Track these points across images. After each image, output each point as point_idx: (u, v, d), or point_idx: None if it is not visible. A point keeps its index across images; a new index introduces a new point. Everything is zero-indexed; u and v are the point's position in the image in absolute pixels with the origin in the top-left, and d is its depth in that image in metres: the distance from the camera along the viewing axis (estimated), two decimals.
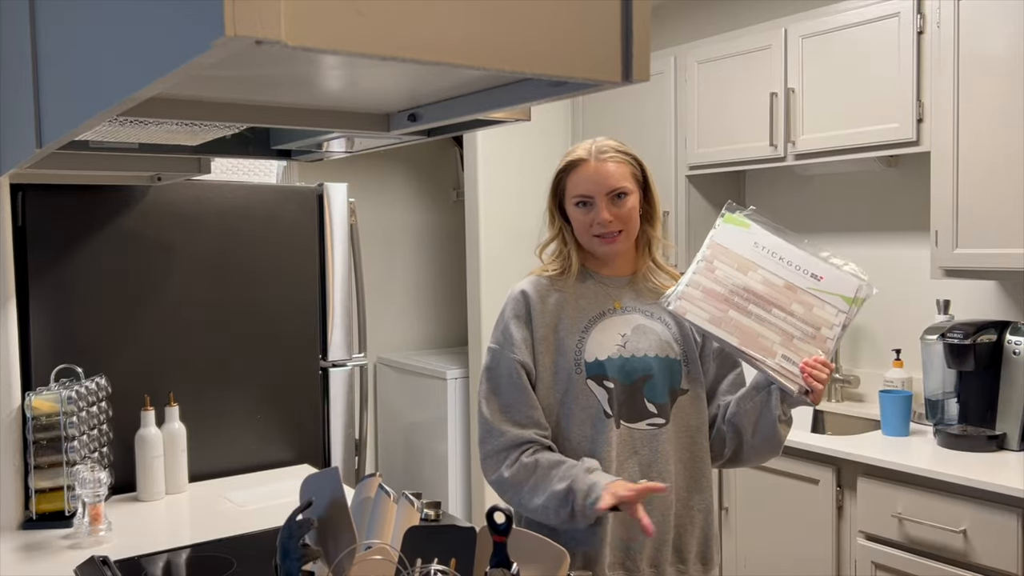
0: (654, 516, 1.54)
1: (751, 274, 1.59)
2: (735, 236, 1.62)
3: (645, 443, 1.58)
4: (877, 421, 2.71)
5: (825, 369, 1.53)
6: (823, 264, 1.61)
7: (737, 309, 1.56)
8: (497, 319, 1.67)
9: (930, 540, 2.23)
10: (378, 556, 1.20)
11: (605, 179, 1.59)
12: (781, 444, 1.62)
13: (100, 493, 1.86)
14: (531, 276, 1.68)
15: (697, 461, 1.63)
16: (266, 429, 2.51)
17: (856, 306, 1.59)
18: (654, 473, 1.58)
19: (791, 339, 1.56)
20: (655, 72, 3.26)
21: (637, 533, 1.52)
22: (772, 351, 1.54)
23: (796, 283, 1.59)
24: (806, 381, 1.52)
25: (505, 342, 1.62)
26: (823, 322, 1.57)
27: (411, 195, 4.52)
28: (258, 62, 0.91)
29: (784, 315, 1.57)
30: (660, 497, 1.56)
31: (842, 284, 1.60)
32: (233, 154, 1.74)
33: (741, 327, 1.55)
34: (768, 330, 1.56)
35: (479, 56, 0.73)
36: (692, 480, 1.63)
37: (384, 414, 4.38)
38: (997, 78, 2.33)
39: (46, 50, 1.06)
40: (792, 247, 1.62)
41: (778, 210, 3.36)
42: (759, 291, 1.58)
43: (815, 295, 1.58)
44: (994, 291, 2.69)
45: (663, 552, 1.59)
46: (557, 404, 1.60)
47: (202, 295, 2.40)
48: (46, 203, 2.18)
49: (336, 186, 2.68)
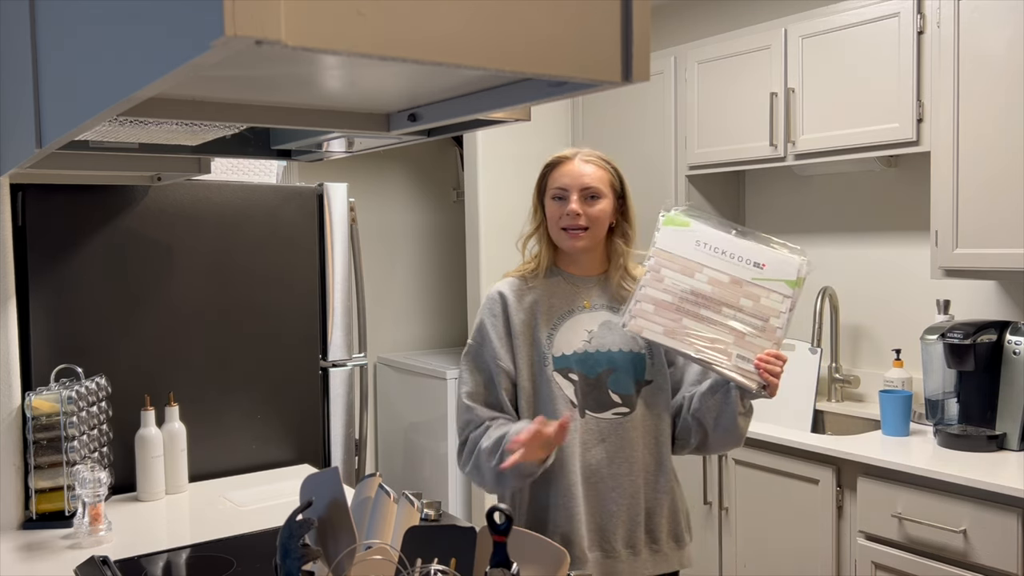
0: (624, 500, 1.70)
1: (697, 276, 1.69)
2: (677, 238, 1.71)
3: (611, 431, 1.71)
4: (877, 421, 2.71)
5: (778, 362, 1.63)
6: (765, 250, 1.70)
7: (689, 316, 1.66)
8: (477, 318, 1.79)
9: (930, 540, 2.23)
10: (378, 556, 1.20)
11: (581, 176, 1.73)
12: (743, 436, 1.74)
13: (100, 493, 1.86)
14: (507, 278, 1.81)
15: (661, 446, 1.76)
16: (266, 429, 2.51)
17: (799, 287, 1.69)
18: (620, 459, 1.71)
19: (743, 337, 1.65)
20: (655, 72, 3.26)
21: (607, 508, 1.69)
22: (727, 352, 1.65)
23: (741, 276, 1.68)
24: (762, 376, 1.63)
25: (483, 340, 1.75)
26: (771, 312, 1.67)
27: (411, 195, 4.52)
28: (258, 62, 0.91)
29: (734, 312, 1.67)
30: (629, 480, 1.71)
31: (784, 268, 1.69)
32: (233, 154, 1.74)
33: (695, 334, 1.66)
34: (720, 332, 1.66)
35: (479, 56, 0.73)
36: (658, 463, 1.75)
37: (384, 414, 4.38)
38: (997, 78, 2.33)
39: (46, 50, 1.06)
40: (733, 238, 1.71)
41: (778, 210, 3.36)
42: (707, 292, 1.67)
43: (760, 285, 1.68)
44: (994, 291, 2.69)
45: (637, 533, 1.72)
46: (532, 394, 1.72)
47: (202, 295, 2.40)
48: (46, 203, 2.18)
49: (336, 186, 2.68)
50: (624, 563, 1.70)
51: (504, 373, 1.72)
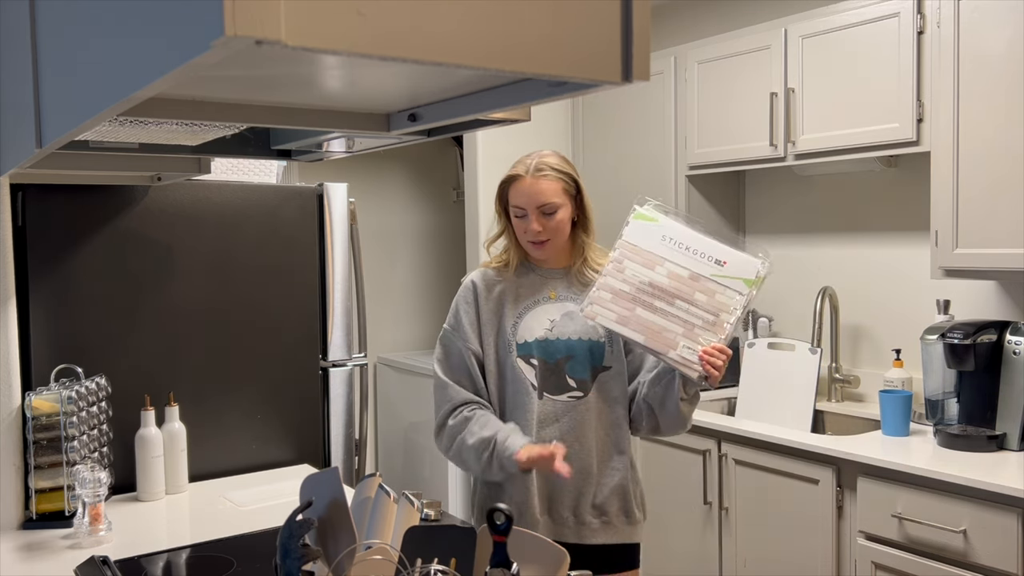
0: (574, 473, 1.82)
1: (658, 269, 1.78)
2: (644, 231, 1.81)
3: (565, 412, 1.86)
4: (877, 421, 2.71)
5: (721, 355, 1.74)
6: (727, 249, 1.77)
7: (643, 306, 1.76)
8: (453, 304, 1.95)
9: (930, 540, 2.23)
10: (378, 556, 1.20)
11: (537, 196, 1.84)
12: (687, 421, 1.88)
13: (100, 493, 1.86)
14: (480, 269, 1.97)
15: (616, 428, 1.90)
16: (266, 429, 2.51)
17: (756, 287, 1.77)
18: (571, 437, 1.85)
19: (692, 328, 1.75)
20: (655, 72, 3.26)
21: (558, 480, 1.81)
22: (674, 343, 1.75)
23: (700, 272, 1.77)
24: (704, 368, 1.74)
25: (456, 324, 1.91)
26: (723, 308, 1.76)
27: (411, 195, 4.52)
28: (258, 62, 0.91)
29: (687, 305, 1.76)
30: (579, 457, 1.84)
31: (744, 267, 1.78)
32: (233, 154, 1.74)
33: (646, 324, 1.75)
34: (671, 323, 1.75)
35: (479, 56, 0.73)
36: (613, 444, 1.90)
37: (384, 414, 4.38)
38: (997, 78, 2.33)
39: (46, 50, 1.06)
40: (698, 235, 1.79)
41: (778, 210, 3.36)
42: (664, 285, 1.77)
43: (717, 282, 1.77)
44: (994, 291, 2.69)
45: (582, 502, 1.87)
46: (497, 376, 1.89)
47: (202, 295, 2.40)
48: (46, 203, 2.18)
49: (336, 186, 2.68)
50: (570, 528, 1.87)
51: (473, 355, 1.88)
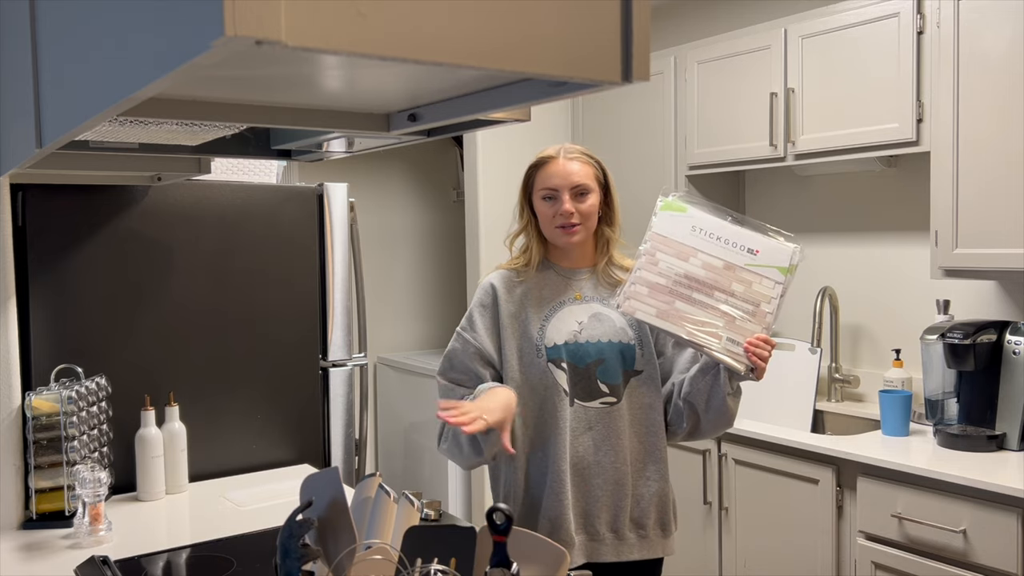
0: (609, 486, 1.75)
1: (692, 260, 1.72)
2: (673, 222, 1.75)
3: (599, 419, 1.76)
4: (877, 421, 2.71)
5: (767, 346, 1.68)
6: (759, 236, 1.73)
7: (682, 299, 1.70)
8: (469, 308, 1.85)
9: (930, 540, 2.23)
10: (378, 556, 1.20)
11: (570, 175, 1.77)
12: (733, 416, 1.77)
13: (100, 493, 1.86)
14: (499, 270, 1.86)
15: (651, 435, 1.80)
16: (266, 429, 2.51)
17: (791, 274, 1.72)
18: (607, 447, 1.75)
19: (734, 321, 1.69)
20: (655, 72, 3.26)
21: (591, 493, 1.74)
22: (718, 335, 1.68)
23: (734, 261, 1.72)
24: (750, 360, 1.68)
25: (469, 327, 1.81)
26: (762, 297, 1.71)
27: (411, 195, 4.52)
28: (258, 62, 0.91)
29: (726, 296, 1.70)
30: (614, 467, 1.75)
31: (777, 255, 1.73)
32: (233, 154, 1.74)
33: (687, 317, 1.69)
34: (712, 315, 1.69)
35: (479, 56, 0.73)
36: (647, 452, 1.80)
37: (384, 414, 4.38)
38: (997, 78, 2.33)
39: (46, 50, 1.06)
40: (728, 224, 1.75)
41: (778, 210, 3.36)
42: (700, 277, 1.71)
43: (753, 271, 1.72)
44: (994, 291, 2.69)
45: (621, 518, 1.77)
46: (522, 383, 1.77)
47: (202, 295, 2.40)
48: (46, 203, 2.18)
49: (336, 186, 2.68)
50: (608, 546, 1.76)
51: (480, 356, 1.78)
